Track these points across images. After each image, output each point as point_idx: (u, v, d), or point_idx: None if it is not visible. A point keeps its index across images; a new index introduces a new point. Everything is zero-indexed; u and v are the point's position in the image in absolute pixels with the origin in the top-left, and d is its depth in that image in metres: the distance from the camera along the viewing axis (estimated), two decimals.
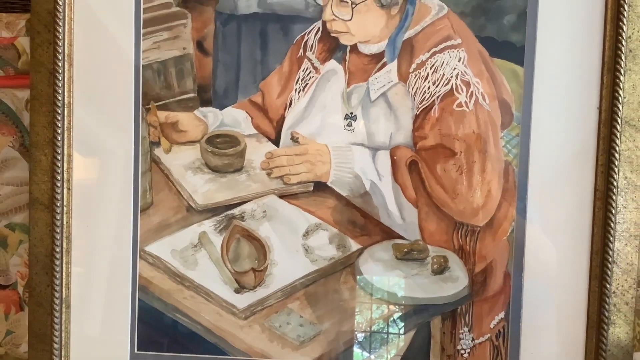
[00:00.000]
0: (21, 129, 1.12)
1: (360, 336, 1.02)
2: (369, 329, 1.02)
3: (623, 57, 0.95)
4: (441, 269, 1.01)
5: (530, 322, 1.00)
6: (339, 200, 1.03)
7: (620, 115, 0.96)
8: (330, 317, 1.02)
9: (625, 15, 0.95)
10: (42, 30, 1.00)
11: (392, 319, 1.02)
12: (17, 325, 1.13)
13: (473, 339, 1.02)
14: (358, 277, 1.02)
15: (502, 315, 1.01)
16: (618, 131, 0.96)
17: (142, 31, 1.02)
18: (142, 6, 1.01)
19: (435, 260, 1.01)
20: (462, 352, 1.02)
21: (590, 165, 0.98)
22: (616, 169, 0.96)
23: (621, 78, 0.96)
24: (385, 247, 1.02)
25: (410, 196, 1.02)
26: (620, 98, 0.96)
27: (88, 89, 1.01)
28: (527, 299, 1.00)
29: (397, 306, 1.02)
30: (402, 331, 1.02)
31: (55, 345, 1.01)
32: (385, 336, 1.02)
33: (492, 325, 1.01)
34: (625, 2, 0.95)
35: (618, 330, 0.98)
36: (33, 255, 1.02)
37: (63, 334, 1.02)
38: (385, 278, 1.02)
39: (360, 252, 1.02)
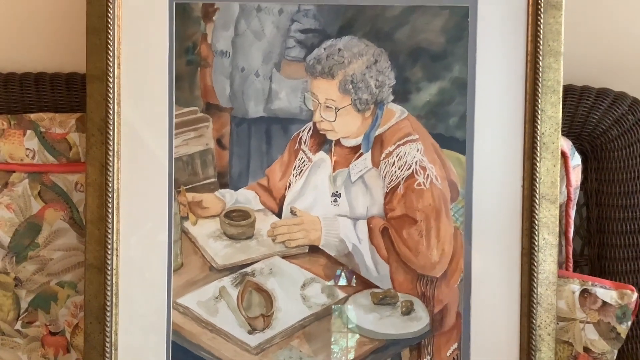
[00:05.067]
0: (70, 205, 1.24)
1: None
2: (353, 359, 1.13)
3: (539, 149, 1.09)
4: (408, 311, 1.13)
5: (478, 350, 1.13)
6: (329, 259, 1.15)
7: (538, 191, 1.10)
8: (323, 351, 1.13)
9: (539, 117, 1.09)
10: (96, 132, 1.12)
11: (371, 351, 1.13)
12: None
13: None
14: (344, 318, 1.14)
15: (455, 345, 1.13)
16: (537, 203, 1.10)
17: (174, 132, 1.12)
18: (174, 113, 1.13)
19: (403, 304, 1.13)
20: None
21: (518, 229, 1.11)
22: (537, 232, 1.09)
23: (538, 164, 1.09)
24: (365, 295, 1.14)
25: (383, 255, 1.14)
26: (537, 178, 1.09)
27: (132, 178, 1.12)
28: (474, 332, 1.12)
29: (375, 341, 1.13)
30: None
31: None
32: None
33: (448, 354, 1.13)
34: (539, 107, 1.09)
35: (543, 355, 1.11)
36: (88, 309, 1.12)
37: None
38: (365, 319, 1.14)
39: (345, 299, 1.14)
